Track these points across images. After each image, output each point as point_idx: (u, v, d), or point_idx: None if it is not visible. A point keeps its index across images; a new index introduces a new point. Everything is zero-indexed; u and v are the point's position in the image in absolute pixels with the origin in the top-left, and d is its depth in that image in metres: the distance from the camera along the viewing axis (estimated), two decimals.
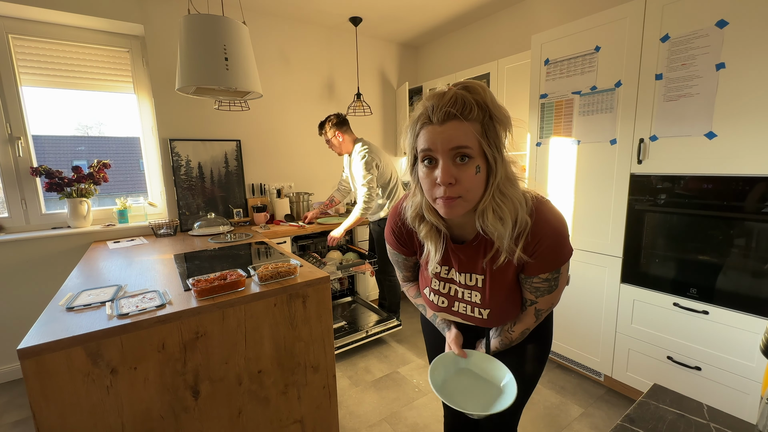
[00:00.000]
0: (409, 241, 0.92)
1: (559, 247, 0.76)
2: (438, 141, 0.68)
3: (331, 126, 2.32)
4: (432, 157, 0.70)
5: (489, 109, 0.68)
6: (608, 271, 1.80)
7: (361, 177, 2.26)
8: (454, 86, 0.70)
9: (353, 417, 1.79)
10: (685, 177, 1.52)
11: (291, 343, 1.30)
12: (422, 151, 0.71)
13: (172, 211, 2.49)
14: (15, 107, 2.06)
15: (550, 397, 1.88)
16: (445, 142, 0.67)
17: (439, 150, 0.68)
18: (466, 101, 0.67)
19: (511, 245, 0.74)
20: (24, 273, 2.04)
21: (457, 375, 0.88)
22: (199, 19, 1.52)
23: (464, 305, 0.88)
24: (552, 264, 0.77)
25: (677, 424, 0.66)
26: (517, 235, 0.73)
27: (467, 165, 0.68)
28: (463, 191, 0.69)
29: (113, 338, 0.98)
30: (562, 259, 0.77)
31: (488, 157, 0.69)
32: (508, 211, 0.71)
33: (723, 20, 1.36)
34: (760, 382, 1.37)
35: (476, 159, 0.69)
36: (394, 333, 2.59)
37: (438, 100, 0.68)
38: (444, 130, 0.67)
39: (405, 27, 3.02)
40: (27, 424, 1.75)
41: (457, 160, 0.68)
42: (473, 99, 0.67)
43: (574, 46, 1.82)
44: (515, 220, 0.72)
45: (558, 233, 0.75)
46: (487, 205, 0.72)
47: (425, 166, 0.72)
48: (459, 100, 0.66)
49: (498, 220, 0.72)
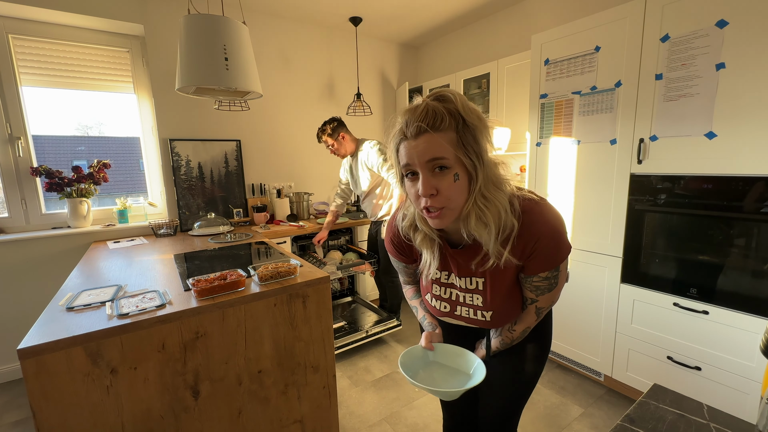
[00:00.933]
0: (408, 250, 0.93)
1: (556, 245, 0.76)
2: (414, 155, 0.70)
3: (332, 129, 2.29)
4: (413, 170, 0.72)
5: (461, 115, 0.69)
6: (608, 271, 1.80)
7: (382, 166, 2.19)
8: (427, 98, 0.71)
9: (353, 417, 1.79)
10: (685, 177, 1.52)
11: (291, 343, 1.30)
12: (404, 166, 0.73)
13: (172, 211, 2.49)
14: (15, 107, 2.06)
15: (550, 397, 1.88)
16: (420, 155, 0.69)
17: (417, 163, 0.70)
18: (437, 113, 0.68)
19: (498, 248, 0.75)
20: (24, 273, 2.04)
21: (427, 367, 0.90)
22: (199, 19, 1.52)
23: (466, 309, 0.88)
24: (551, 262, 0.77)
25: (677, 424, 0.66)
26: (504, 239, 0.74)
27: (445, 174, 0.70)
28: (444, 200, 0.71)
29: (113, 338, 0.98)
30: (561, 256, 0.78)
31: (467, 164, 0.70)
32: (492, 215, 0.72)
33: (723, 20, 1.36)
34: (760, 382, 1.37)
35: (454, 167, 0.70)
36: (394, 333, 2.59)
37: (410, 114, 0.70)
38: (418, 144, 0.69)
39: (405, 27, 3.02)
40: (27, 424, 1.75)
41: (436, 170, 0.70)
42: (445, 108, 0.68)
43: (574, 46, 1.82)
44: (499, 224, 0.73)
45: (554, 231, 0.75)
46: (470, 210, 0.73)
47: (409, 179, 0.74)
48: (430, 113, 0.68)
49: (482, 224, 0.73)
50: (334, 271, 2.35)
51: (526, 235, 0.74)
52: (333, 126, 2.29)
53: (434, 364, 0.90)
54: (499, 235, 0.74)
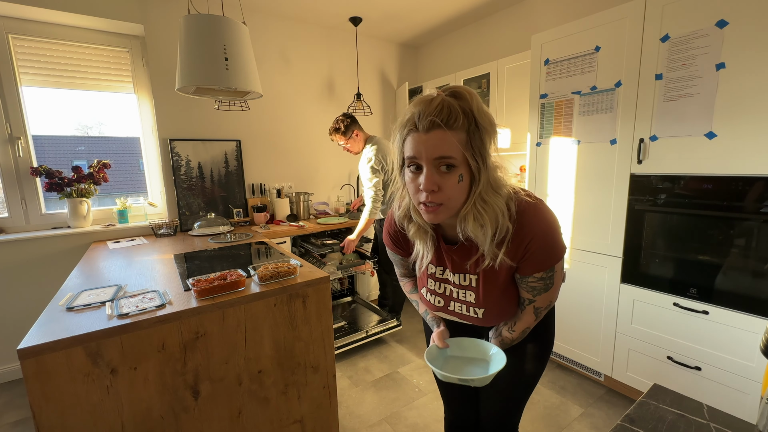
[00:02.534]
0: (404, 242, 0.94)
1: (550, 246, 0.76)
2: (422, 149, 0.69)
3: (345, 126, 2.29)
4: (417, 163, 0.71)
5: (474, 117, 0.69)
6: (608, 271, 1.80)
7: (367, 180, 2.26)
8: (442, 92, 0.70)
9: (353, 417, 1.79)
10: (685, 177, 1.52)
11: (291, 343, 1.30)
12: (408, 158, 0.72)
13: (172, 211, 2.49)
14: (15, 107, 2.06)
15: (550, 397, 1.88)
16: (429, 150, 0.68)
17: (424, 158, 0.69)
18: (452, 110, 0.67)
19: (494, 250, 0.75)
20: (24, 273, 2.04)
21: (447, 363, 0.91)
22: (199, 19, 1.52)
23: (460, 305, 0.89)
24: (545, 263, 0.77)
25: (677, 424, 0.66)
26: (500, 241, 0.74)
27: (450, 174, 0.70)
28: (445, 199, 0.71)
29: (113, 338, 0.98)
30: (555, 257, 0.78)
31: (471, 166, 0.70)
32: (489, 218, 0.72)
33: (723, 20, 1.36)
34: (760, 382, 1.37)
35: (459, 168, 0.70)
36: (394, 333, 2.59)
37: (425, 107, 0.68)
38: (428, 139, 0.68)
39: (405, 27, 3.02)
40: (27, 424, 1.75)
41: (441, 169, 0.70)
42: (459, 107, 0.68)
43: (574, 46, 1.82)
44: (496, 227, 0.73)
45: (548, 232, 0.75)
46: (468, 211, 0.73)
47: (411, 172, 0.73)
48: (445, 109, 0.67)
49: (479, 227, 0.73)
50: (334, 271, 2.35)
51: (520, 235, 0.74)
52: (346, 123, 2.30)
53: (453, 359, 0.92)
54: (495, 237, 0.74)
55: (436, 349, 0.91)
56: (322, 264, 2.38)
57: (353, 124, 2.32)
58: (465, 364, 0.90)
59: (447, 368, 0.88)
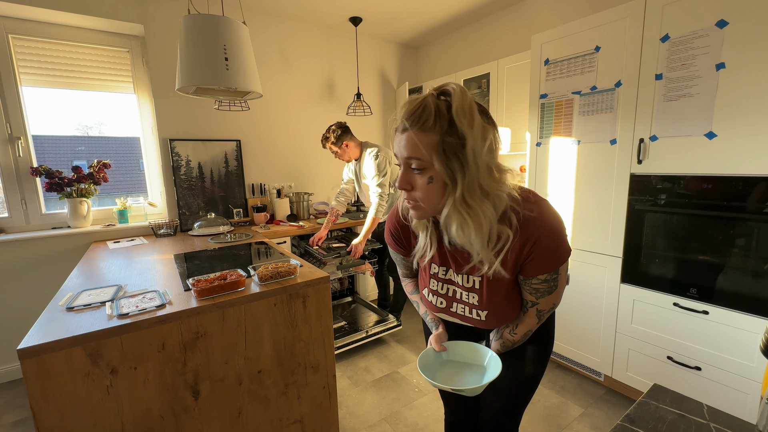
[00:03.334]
0: (405, 240, 0.94)
1: (556, 247, 0.75)
2: (397, 150, 0.73)
3: (336, 137, 2.29)
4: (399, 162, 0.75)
5: (451, 119, 0.66)
6: (608, 271, 1.80)
7: (374, 179, 2.25)
8: (433, 90, 0.71)
9: (353, 417, 1.79)
10: (685, 177, 1.52)
11: (291, 343, 1.30)
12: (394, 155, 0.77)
13: (172, 211, 2.49)
14: (15, 107, 2.06)
15: (550, 397, 1.88)
16: (401, 151, 0.72)
17: (399, 158, 0.74)
18: (425, 112, 0.67)
19: (490, 257, 0.74)
20: (24, 273, 2.04)
21: (442, 367, 0.90)
22: (199, 19, 1.52)
23: (462, 306, 0.88)
24: (550, 264, 0.76)
25: (677, 424, 0.66)
26: (499, 249, 0.74)
27: (421, 175, 0.71)
28: (418, 198, 0.74)
29: (113, 338, 0.98)
30: (561, 259, 0.77)
31: (443, 170, 0.69)
32: (474, 224, 0.70)
33: (723, 20, 1.36)
34: (760, 382, 1.37)
35: (429, 170, 0.70)
36: (394, 333, 2.59)
37: (405, 108, 0.71)
38: (401, 140, 0.71)
39: (405, 27, 3.02)
40: (27, 424, 1.75)
41: (413, 170, 0.72)
42: (436, 109, 0.67)
43: (574, 46, 1.82)
44: (487, 234, 0.71)
45: (553, 233, 0.74)
46: (450, 215, 0.72)
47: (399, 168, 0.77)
48: (417, 112, 0.68)
49: (462, 233, 0.72)
50: (334, 271, 2.35)
51: (524, 235, 0.73)
52: (337, 134, 2.29)
53: (448, 363, 0.91)
54: (489, 244, 0.73)
55: (432, 353, 0.91)
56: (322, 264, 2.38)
57: (344, 134, 2.31)
58: (460, 369, 0.89)
59: (442, 373, 0.88)
